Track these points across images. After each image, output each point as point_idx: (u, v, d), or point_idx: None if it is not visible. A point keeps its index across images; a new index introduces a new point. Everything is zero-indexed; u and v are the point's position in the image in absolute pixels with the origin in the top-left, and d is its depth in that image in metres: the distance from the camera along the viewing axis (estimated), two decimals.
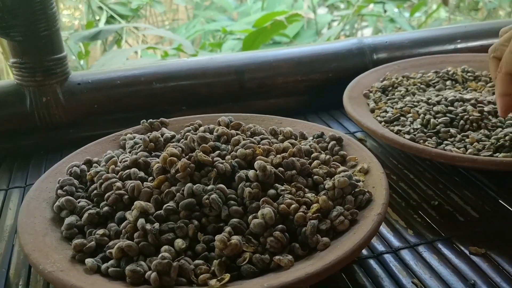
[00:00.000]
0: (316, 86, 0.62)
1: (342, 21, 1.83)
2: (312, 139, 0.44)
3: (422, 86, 0.56)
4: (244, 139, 0.39)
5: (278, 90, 0.61)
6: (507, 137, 0.44)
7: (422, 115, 0.47)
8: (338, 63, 0.63)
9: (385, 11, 2.04)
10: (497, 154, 0.42)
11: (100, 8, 1.89)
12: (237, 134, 0.40)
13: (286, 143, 0.40)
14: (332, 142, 0.42)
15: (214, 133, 0.40)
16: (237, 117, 0.48)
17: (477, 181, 0.45)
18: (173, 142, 0.41)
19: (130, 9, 1.98)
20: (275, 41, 1.66)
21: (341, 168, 0.38)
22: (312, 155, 0.39)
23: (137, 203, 0.29)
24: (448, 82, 0.57)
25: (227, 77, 0.59)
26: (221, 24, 1.90)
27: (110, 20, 1.86)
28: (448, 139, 0.45)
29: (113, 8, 1.90)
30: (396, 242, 0.38)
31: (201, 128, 0.44)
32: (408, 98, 0.51)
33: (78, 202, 0.32)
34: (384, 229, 0.40)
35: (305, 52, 0.63)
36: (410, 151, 0.42)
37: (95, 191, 0.33)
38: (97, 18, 1.84)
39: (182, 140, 0.40)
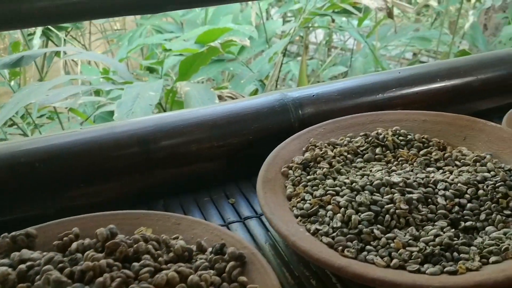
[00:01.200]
0: (236, 151, 0.55)
1: (288, 35, 1.77)
2: (211, 253, 0.36)
3: (349, 156, 0.50)
4: (114, 277, 0.31)
5: (191, 157, 0.54)
6: (436, 240, 0.37)
7: (343, 209, 0.41)
8: (259, 123, 0.56)
9: (333, 21, 2.00)
10: (426, 266, 0.36)
11: None
12: (108, 265, 0.32)
13: (171, 274, 0.32)
14: (231, 264, 0.34)
15: (79, 266, 0.32)
16: (125, 218, 0.40)
17: None
18: (29, 274, 0.32)
19: None
20: (220, 58, 1.59)
21: None
22: None
23: None
24: (378, 150, 0.50)
25: (128, 150, 0.51)
26: (165, 36, 1.81)
27: (46, 32, 1.74)
28: (372, 242, 0.38)
29: None
30: None
31: (73, 245, 0.36)
32: (330, 181, 0.45)
33: None
34: None
35: (221, 113, 0.55)
36: (326, 267, 0.36)
37: None
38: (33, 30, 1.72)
39: (37, 278, 0.31)
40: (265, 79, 1.68)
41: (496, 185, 0.43)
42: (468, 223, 0.40)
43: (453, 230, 0.39)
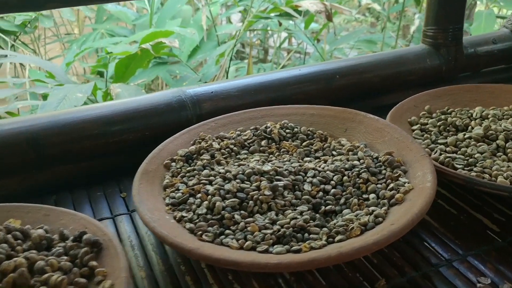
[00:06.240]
0: (132, 146, 0.56)
1: (234, 37, 1.80)
2: (71, 240, 0.37)
3: (235, 148, 0.52)
4: None
5: (84, 154, 0.54)
6: (291, 222, 0.39)
7: (210, 196, 0.42)
8: (155, 119, 0.57)
9: (280, 24, 2.03)
10: (275, 246, 0.38)
11: None
12: None
13: (19, 260, 0.33)
14: (84, 250, 0.36)
15: None
16: None
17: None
18: None
19: (15, 25, 1.84)
20: (163, 60, 1.59)
21: None
22: (43, 277, 0.33)
23: None
24: (263, 142, 0.52)
25: (17, 147, 0.51)
26: (113, 40, 1.81)
27: None
28: (232, 227, 0.40)
29: None
30: None
31: None
32: (205, 171, 0.46)
33: None
34: None
35: (116, 109, 0.56)
36: (178, 250, 0.37)
37: None
38: None
39: None
40: (211, 82, 1.69)
41: (360, 171, 0.45)
42: (328, 207, 0.42)
43: (312, 213, 0.41)
